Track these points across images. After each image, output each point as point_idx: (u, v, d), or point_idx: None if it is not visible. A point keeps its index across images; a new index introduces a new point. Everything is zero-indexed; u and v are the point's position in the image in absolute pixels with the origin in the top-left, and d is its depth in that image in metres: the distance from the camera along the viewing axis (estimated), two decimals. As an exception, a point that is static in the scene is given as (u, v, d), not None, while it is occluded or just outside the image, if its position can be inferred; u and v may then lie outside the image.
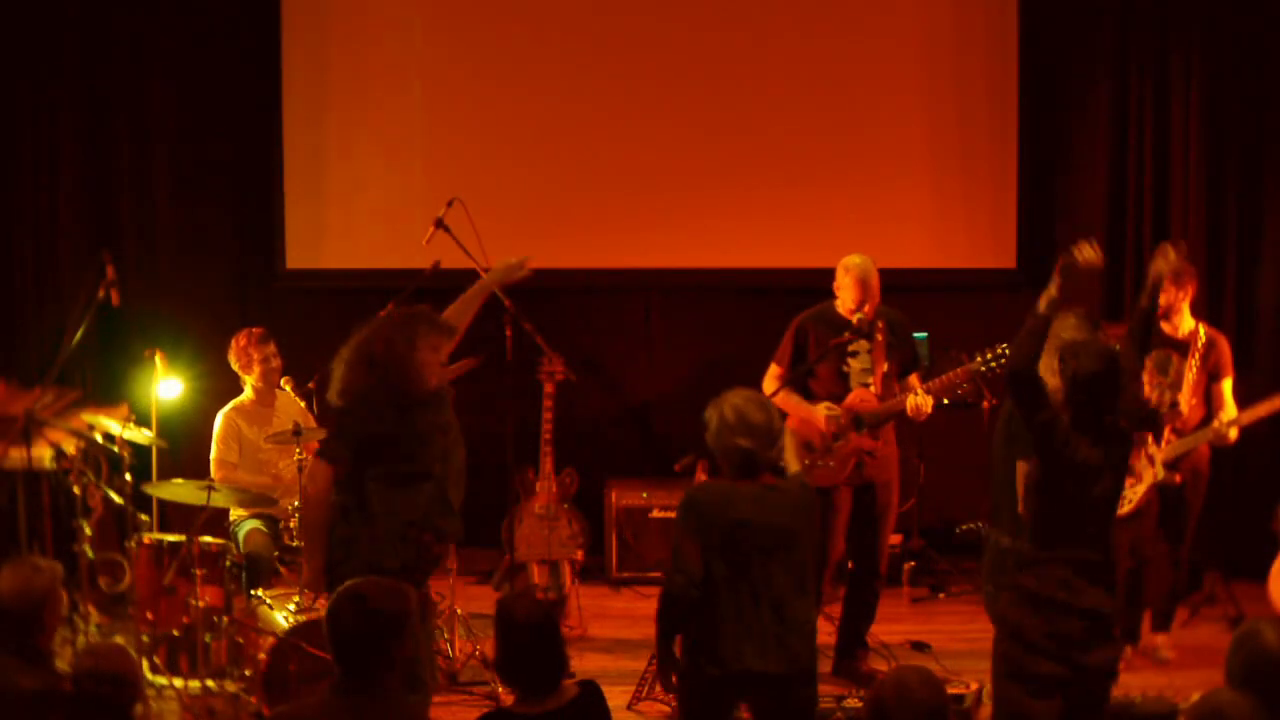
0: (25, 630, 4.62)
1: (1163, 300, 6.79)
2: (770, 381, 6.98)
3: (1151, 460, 6.96)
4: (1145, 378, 6.83)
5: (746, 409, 4.98)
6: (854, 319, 6.91)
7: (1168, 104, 8.77)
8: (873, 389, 6.88)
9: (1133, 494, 6.88)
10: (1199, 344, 7.16)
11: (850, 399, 6.86)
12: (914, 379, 7.02)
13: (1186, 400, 7.09)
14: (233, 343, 7.40)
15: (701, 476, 7.02)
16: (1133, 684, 6.46)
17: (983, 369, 6.83)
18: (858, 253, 7.03)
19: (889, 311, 7.03)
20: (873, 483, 6.98)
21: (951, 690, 5.74)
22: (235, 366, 7.41)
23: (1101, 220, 8.95)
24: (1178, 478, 7.02)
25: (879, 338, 6.89)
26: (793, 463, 5.20)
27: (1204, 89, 8.68)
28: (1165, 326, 7.15)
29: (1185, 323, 7.22)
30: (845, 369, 6.93)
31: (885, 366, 6.90)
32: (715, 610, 4.90)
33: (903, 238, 9.10)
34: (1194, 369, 7.14)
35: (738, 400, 5.03)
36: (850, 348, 6.92)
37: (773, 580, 4.93)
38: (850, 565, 7.21)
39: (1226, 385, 7.20)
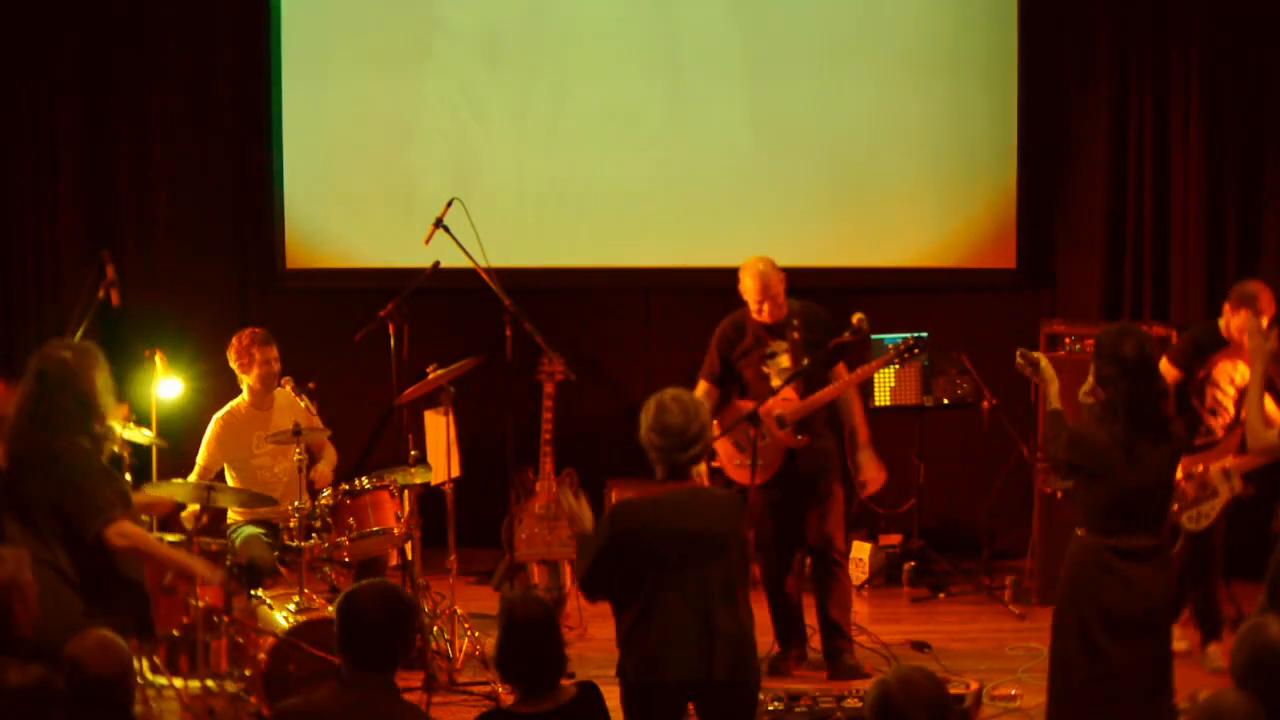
0: (2, 621, 4.58)
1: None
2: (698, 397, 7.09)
3: (1228, 475, 6.96)
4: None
5: (667, 408, 4.96)
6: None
7: (1168, 104, 8.77)
8: (789, 388, 6.88)
9: (1210, 509, 6.95)
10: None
11: (770, 403, 6.84)
12: (841, 368, 7.05)
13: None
14: (234, 340, 7.36)
15: (703, 478, 7.04)
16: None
17: (896, 361, 7.05)
18: (760, 255, 7.06)
19: (806, 307, 7.05)
20: (811, 474, 7.00)
21: (951, 690, 5.74)
22: (234, 365, 7.38)
23: (1101, 220, 8.96)
24: (1251, 489, 7.04)
25: (795, 335, 6.92)
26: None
27: (1204, 89, 8.68)
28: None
29: None
30: (766, 370, 6.97)
31: (805, 363, 6.90)
32: (648, 620, 4.87)
33: (903, 238, 9.11)
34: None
35: (665, 398, 5.02)
36: (769, 349, 6.97)
37: (703, 587, 4.88)
38: (809, 560, 7.27)
39: None
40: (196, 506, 6.56)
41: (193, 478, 7.19)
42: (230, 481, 7.31)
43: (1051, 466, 5.73)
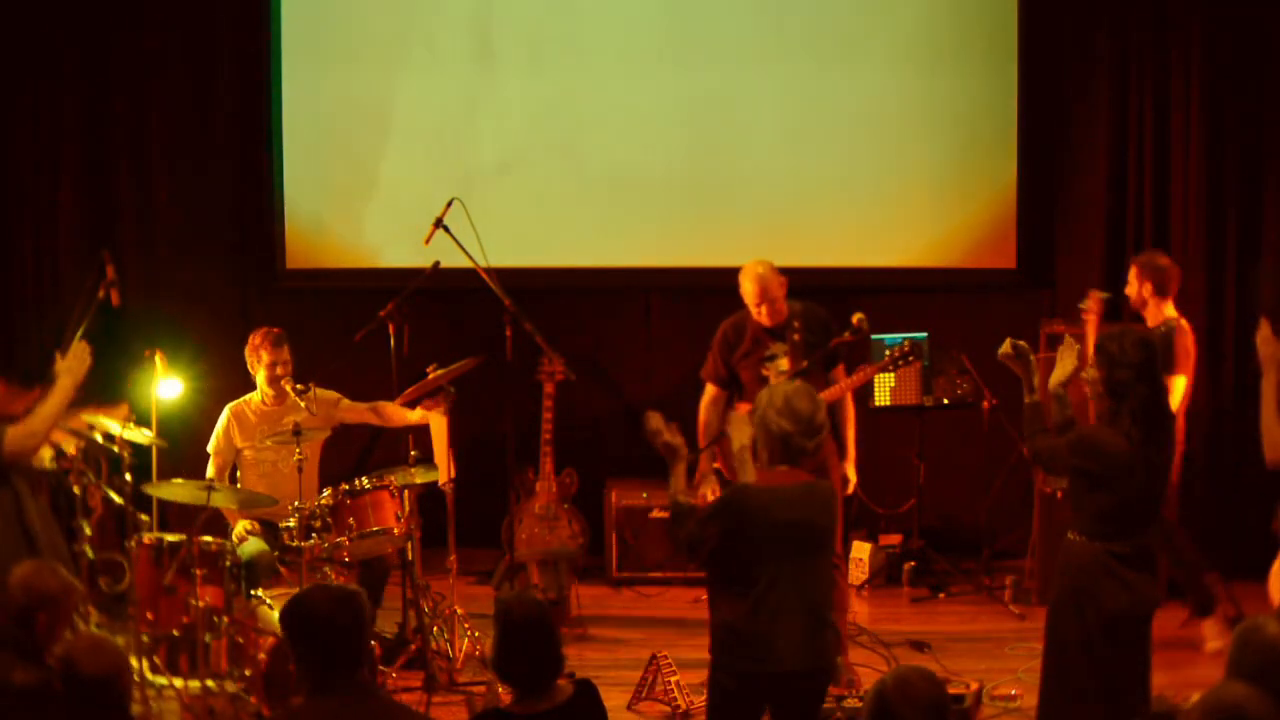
0: (22, 625, 4.62)
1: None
2: (706, 403, 7.12)
3: None
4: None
5: (795, 396, 5.07)
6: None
7: (1168, 104, 8.77)
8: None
9: None
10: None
11: None
12: (840, 370, 7.07)
13: None
14: (250, 338, 7.42)
15: (704, 475, 7.05)
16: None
17: (891, 367, 7.10)
18: (759, 258, 7.08)
19: (807, 309, 7.06)
20: (813, 473, 6.97)
21: (951, 690, 5.75)
22: (248, 363, 7.45)
23: (1101, 220, 8.95)
24: None
25: (795, 338, 6.93)
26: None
27: (1204, 89, 8.68)
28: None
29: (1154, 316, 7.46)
30: (765, 373, 6.98)
31: (805, 364, 6.90)
32: (761, 611, 4.93)
33: (903, 238, 9.11)
34: None
35: (788, 388, 5.14)
36: (768, 351, 6.97)
37: (815, 579, 5.02)
38: None
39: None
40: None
41: (211, 469, 7.29)
42: (240, 472, 7.35)
43: (1033, 457, 5.68)
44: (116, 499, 7.05)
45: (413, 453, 7.16)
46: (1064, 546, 5.50)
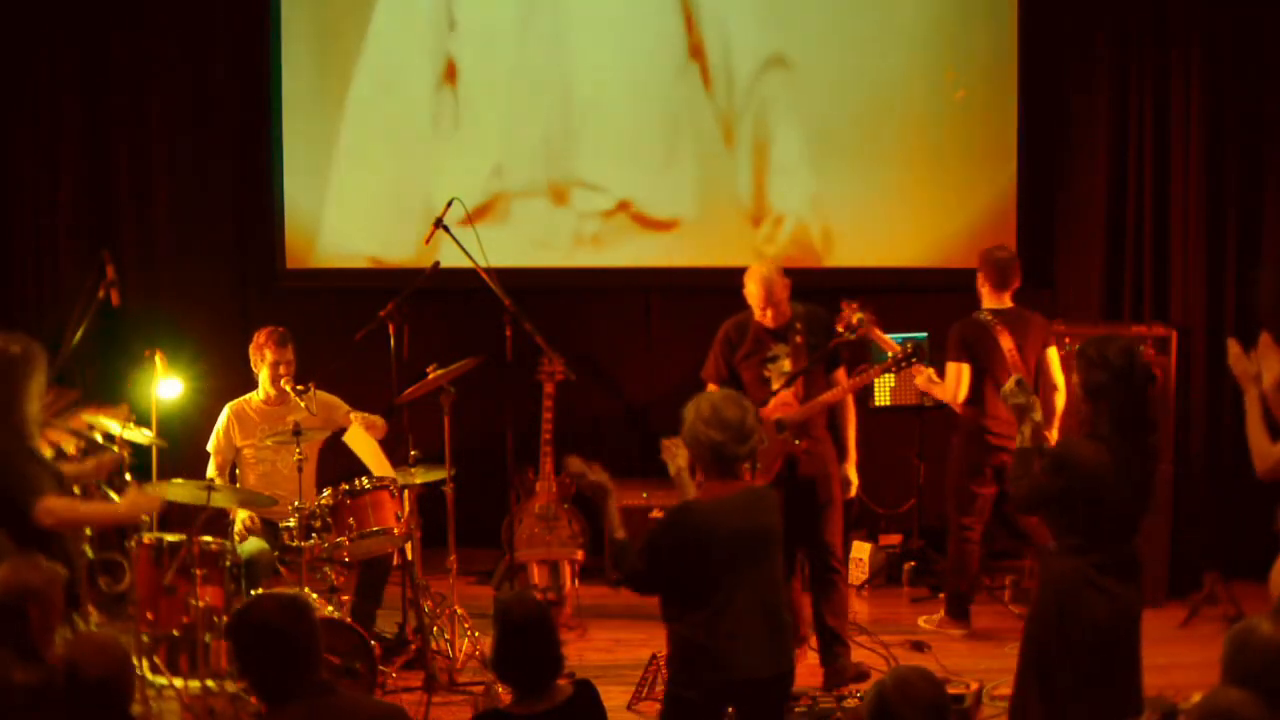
0: (16, 623, 4.61)
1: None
2: None
3: None
4: None
5: (724, 404, 5.03)
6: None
7: (1168, 104, 8.76)
8: (790, 391, 6.87)
9: None
10: None
11: (770, 405, 6.83)
12: (840, 372, 7.07)
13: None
14: (255, 336, 7.43)
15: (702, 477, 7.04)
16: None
17: (894, 369, 7.09)
18: (765, 260, 7.10)
19: (810, 311, 7.05)
20: (811, 478, 6.99)
21: (951, 690, 5.75)
22: (251, 361, 7.46)
23: (1101, 221, 8.95)
24: None
25: (797, 339, 6.93)
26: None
27: (1204, 89, 8.67)
28: None
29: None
30: (766, 374, 6.97)
31: (806, 366, 6.90)
32: (720, 621, 4.92)
33: (903, 238, 9.11)
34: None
35: (715, 396, 5.13)
36: (770, 352, 6.97)
37: (768, 583, 5.01)
38: (806, 562, 7.25)
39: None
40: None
41: (211, 468, 7.32)
42: (239, 471, 7.35)
43: (1015, 508, 5.65)
44: (117, 499, 7.05)
45: (413, 453, 7.17)
46: (1045, 557, 5.45)
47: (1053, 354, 7.71)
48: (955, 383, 7.56)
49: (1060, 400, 7.61)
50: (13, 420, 5.44)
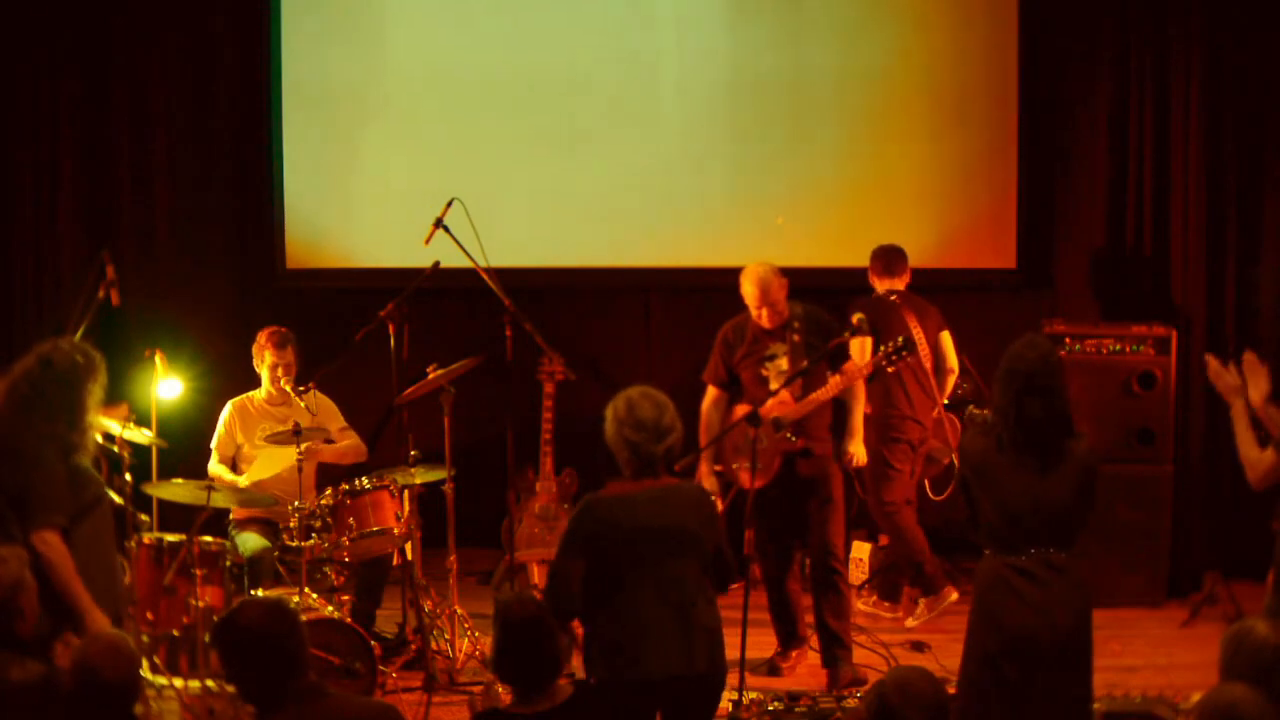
0: (9, 619, 4.59)
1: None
2: (707, 405, 7.12)
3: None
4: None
5: (639, 403, 4.96)
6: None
7: (1168, 104, 8.76)
8: (787, 391, 6.86)
9: None
10: None
11: (768, 404, 6.81)
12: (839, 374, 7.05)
13: None
14: (257, 336, 7.45)
15: (704, 476, 7.04)
16: (1133, 684, 6.45)
17: (885, 363, 6.98)
18: (762, 260, 7.05)
19: (809, 311, 7.04)
20: (811, 478, 6.99)
21: (951, 690, 5.74)
22: (253, 360, 7.47)
23: (1101, 221, 8.95)
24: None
25: (795, 339, 6.91)
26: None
27: (1204, 88, 8.67)
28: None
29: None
30: (764, 373, 6.96)
31: (804, 365, 6.89)
32: (623, 617, 4.87)
33: (903, 238, 9.08)
34: None
35: (632, 394, 5.01)
36: (768, 351, 6.96)
37: (678, 582, 4.90)
38: (808, 563, 7.25)
39: None
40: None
41: (213, 461, 7.35)
42: (241, 468, 7.36)
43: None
44: (116, 499, 7.05)
45: (413, 453, 7.16)
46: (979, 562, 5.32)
47: (946, 338, 8.03)
48: (860, 356, 7.49)
49: (951, 382, 8.04)
50: (61, 428, 5.30)
